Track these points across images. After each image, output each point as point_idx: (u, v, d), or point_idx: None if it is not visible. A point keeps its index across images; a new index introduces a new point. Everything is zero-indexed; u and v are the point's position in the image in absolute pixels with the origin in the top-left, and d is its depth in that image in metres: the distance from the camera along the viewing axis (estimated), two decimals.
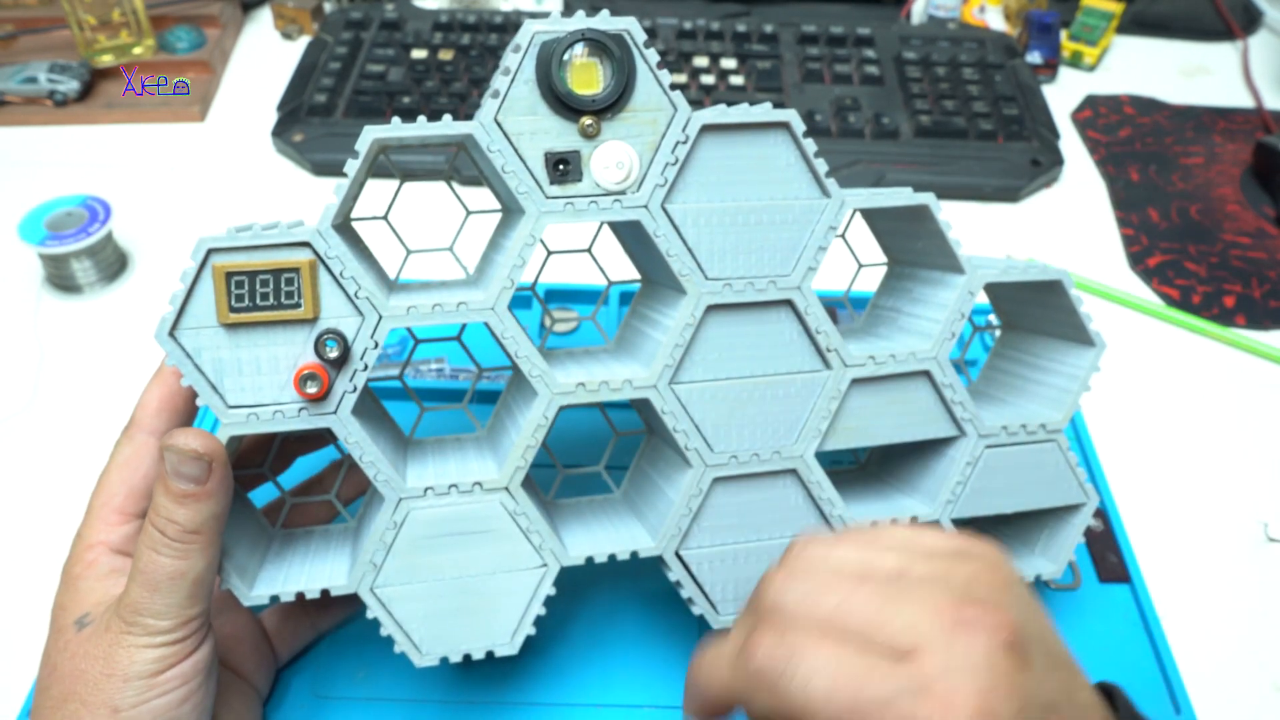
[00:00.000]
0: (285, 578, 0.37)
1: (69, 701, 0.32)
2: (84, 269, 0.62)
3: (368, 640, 0.44)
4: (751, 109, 0.36)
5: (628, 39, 0.34)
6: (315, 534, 0.41)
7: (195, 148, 0.76)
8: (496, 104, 0.34)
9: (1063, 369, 0.43)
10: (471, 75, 0.78)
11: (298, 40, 0.87)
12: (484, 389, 0.54)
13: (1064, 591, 0.47)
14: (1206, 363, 0.62)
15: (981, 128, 0.76)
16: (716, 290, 0.37)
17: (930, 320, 0.41)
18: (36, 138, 0.75)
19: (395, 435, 0.41)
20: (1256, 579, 0.50)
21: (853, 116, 0.76)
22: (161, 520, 0.32)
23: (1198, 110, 0.83)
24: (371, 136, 0.34)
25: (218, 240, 0.33)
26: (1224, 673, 0.46)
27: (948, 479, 0.41)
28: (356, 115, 0.75)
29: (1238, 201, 0.74)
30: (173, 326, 0.33)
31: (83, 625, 0.33)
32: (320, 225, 0.33)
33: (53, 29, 0.82)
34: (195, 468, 0.32)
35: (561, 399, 0.37)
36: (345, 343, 0.34)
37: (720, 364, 0.38)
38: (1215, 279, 0.67)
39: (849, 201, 0.38)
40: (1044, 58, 0.85)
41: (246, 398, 0.34)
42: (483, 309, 0.35)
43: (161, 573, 0.32)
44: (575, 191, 0.35)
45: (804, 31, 0.84)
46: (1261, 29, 0.94)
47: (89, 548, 0.35)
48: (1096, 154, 0.78)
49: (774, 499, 0.40)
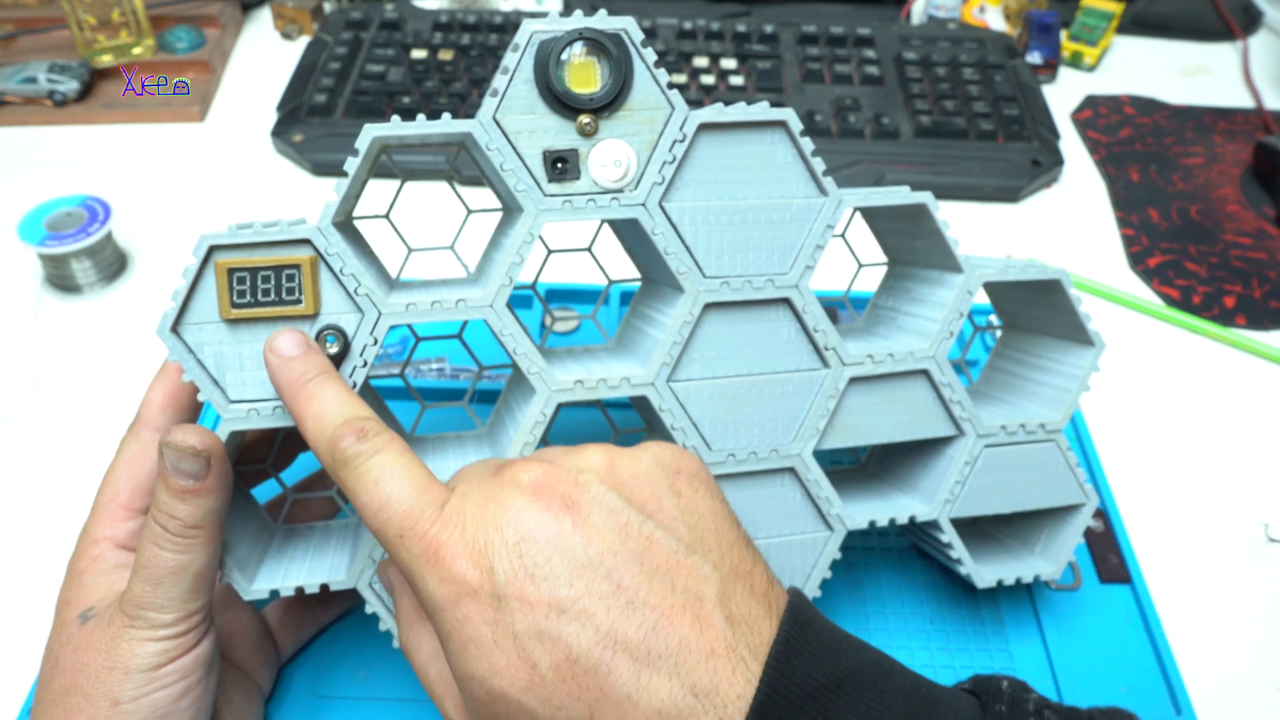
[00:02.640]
0: (286, 573, 0.37)
1: (70, 694, 0.33)
2: (84, 269, 0.62)
3: (368, 639, 0.44)
4: (749, 108, 0.36)
5: (625, 38, 0.34)
6: (316, 530, 0.41)
7: (195, 148, 0.76)
8: (495, 103, 0.34)
9: (1062, 369, 0.43)
10: (471, 75, 0.78)
11: (298, 40, 0.87)
12: (484, 388, 0.54)
13: (1065, 592, 0.47)
14: (1207, 363, 0.62)
15: (981, 128, 0.76)
16: (714, 288, 0.37)
17: (929, 319, 0.41)
18: (36, 138, 0.76)
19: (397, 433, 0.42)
20: (1257, 579, 0.50)
21: (853, 117, 0.76)
22: (162, 516, 0.32)
23: (1198, 110, 0.83)
24: (372, 135, 0.34)
25: (220, 237, 0.33)
26: (1225, 673, 0.46)
27: (946, 478, 0.41)
28: (356, 115, 0.75)
29: (1238, 202, 0.74)
30: (175, 322, 0.33)
31: (86, 619, 0.34)
32: (321, 222, 0.34)
33: (52, 29, 0.82)
34: (194, 464, 0.32)
35: (559, 396, 0.37)
36: (345, 339, 0.34)
37: (718, 362, 0.38)
38: (1215, 279, 0.67)
39: (846, 200, 0.38)
40: (1044, 58, 0.85)
41: (248, 393, 0.34)
42: (481, 306, 0.36)
43: (163, 567, 0.32)
44: (573, 190, 0.35)
45: (804, 31, 0.84)
46: (1261, 29, 0.94)
47: (94, 543, 0.35)
48: (1096, 154, 0.78)
49: (772, 497, 0.40)
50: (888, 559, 0.49)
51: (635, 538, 0.29)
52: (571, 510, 0.29)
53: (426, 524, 0.29)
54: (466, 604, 0.28)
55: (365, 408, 0.32)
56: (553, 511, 0.29)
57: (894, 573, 0.48)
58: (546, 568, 0.28)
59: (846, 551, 0.48)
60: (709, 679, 0.27)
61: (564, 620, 0.27)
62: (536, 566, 0.28)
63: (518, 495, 0.29)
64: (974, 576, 0.42)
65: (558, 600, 0.27)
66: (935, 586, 0.48)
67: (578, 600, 0.27)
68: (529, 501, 0.29)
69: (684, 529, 0.30)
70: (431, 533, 0.29)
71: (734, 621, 0.28)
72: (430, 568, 0.28)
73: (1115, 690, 0.44)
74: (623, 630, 0.27)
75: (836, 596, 0.47)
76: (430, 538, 0.29)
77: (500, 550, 0.28)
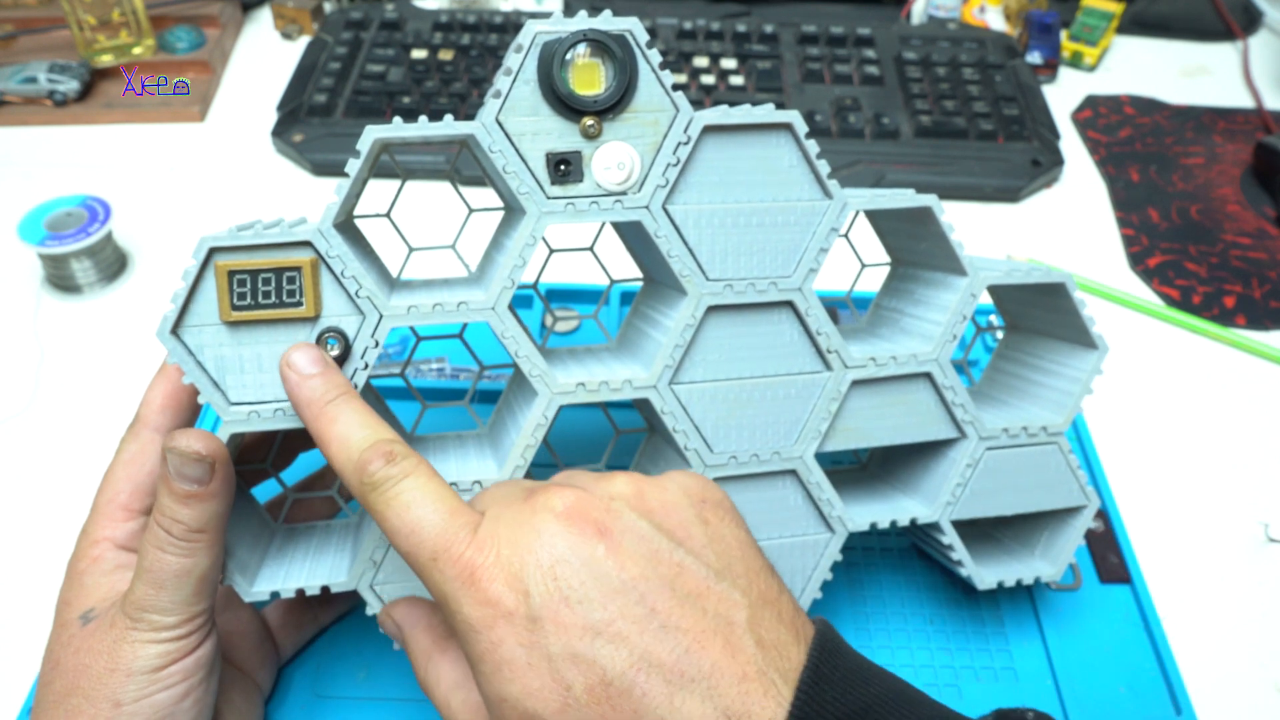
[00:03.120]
0: (286, 574, 0.37)
1: (72, 696, 0.32)
2: (84, 269, 0.62)
3: (368, 639, 0.44)
4: (754, 110, 0.36)
5: (630, 39, 0.34)
6: (317, 529, 0.41)
7: (195, 148, 0.76)
8: (498, 104, 0.34)
9: (1065, 371, 0.43)
10: (471, 75, 0.78)
11: (298, 40, 0.87)
12: (485, 388, 0.54)
13: (1065, 592, 0.47)
14: (1207, 363, 0.62)
15: (982, 128, 0.76)
16: (717, 291, 0.37)
17: (932, 322, 0.41)
18: (36, 138, 0.75)
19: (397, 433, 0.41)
20: (1257, 580, 0.50)
21: (853, 117, 0.76)
22: (166, 520, 0.32)
23: (1198, 110, 0.83)
24: (373, 136, 0.34)
25: (220, 239, 0.33)
26: (1225, 673, 0.46)
27: (948, 480, 0.41)
28: (356, 115, 0.75)
29: (1238, 202, 0.74)
30: (175, 325, 0.33)
31: (87, 620, 0.34)
32: (322, 224, 0.34)
33: (52, 29, 0.82)
34: (197, 469, 0.32)
35: (561, 399, 0.37)
36: (346, 341, 0.34)
37: (720, 365, 0.38)
38: (1215, 279, 0.67)
39: (851, 203, 0.38)
40: (1044, 58, 0.85)
41: (248, 395, 0.34)
42: (483, 309, 0.36)
43: (167, 570, 0.32)
44: (576, 192, 0.35)
45: (804, 31, 0.84)
46: (1261, 29, 0.94)
47: (94, 543, 0.35)
48: (1097, 154, 0.78)
49: (773, 500, 0.40)
50: (888, 559, 0.49)
51: (666, 564, 0.29)
52: (605, 536, 0.29)
53: (461, 547, 0.29)
54: (501, 627, 0.28)
55: (389, 429, 0.32)
56: (586, 537, 0.29)
57: (894, 573, 0.48)
58: (581, 591, 0.28)
59: (846, 552, 0.48)
60: (741, 702, 0.27)
61: (599, 643, 0.27)
62: (571, 590, 0.28)
63: (551, 520, 0.29)
64: (975, 578, 0.42)
65: (592, 623, 0.28)
66: (935, 587, 0.48)
67: (612, 623, 0.28)
68: (563, 527, 0.29)
69: (713, 556, 0.30)
70: (467, 555, 0.29)
71: (764, 646, 0.28)
72: (466, 590, 0.29)
73: (1115, 690, 0.44)
74: (656, 653, 0.27)
75: (836, 597, 0.47)
76: (466, 561, 0.29)
77: (535, 574, 0.28)
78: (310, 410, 0.33)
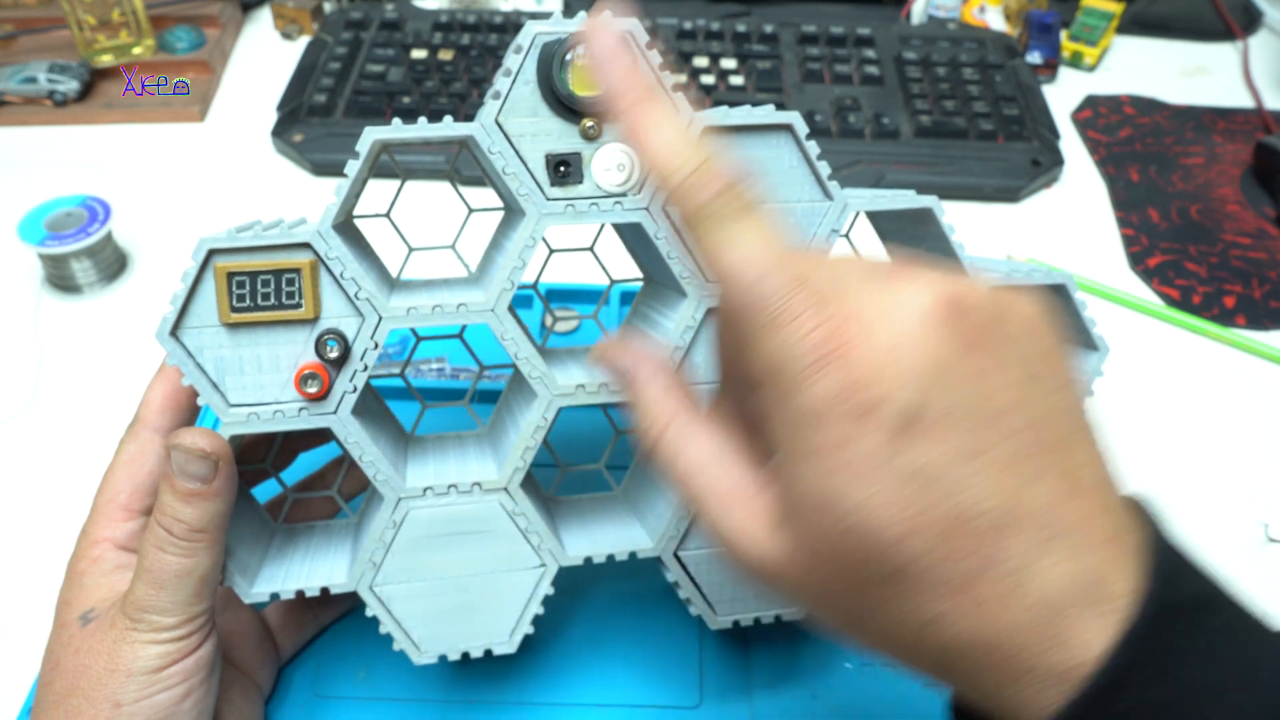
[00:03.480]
0: (286, 575, 0.37)
1: (72, 696, 0.32)
2: (84, 269, 0.62)
3: (368, 639, 0.44)
4: (754, 111, 0.36)
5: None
6: (317, 529, 0.41)
7: (195, 148, 0.76)
8: (498, 105, 0.34)
9: None
10: (471, 75, 0.78)
11: (298, 40, 0.87)
12: (485, 388, 0.54)
13: None
14: (1207, 363, 0.62)
15: (982, 128, 0.76)
16: (718, 292, 0.37)
17: None
18: (36, 138, 0.75)
19: (396, 433, 0.41)
20: (1257, 579, 0.50)
21: (853, 117, 0.76)
22: (168, 519, 0.32)
23: (1198, 110, 0.83)
24: (373, 137, 0.34)
25: (219, 240, 0.33)
26: None
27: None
28: (356, 115, 0.75)
29: (1238, 202, 0.74)
30: (174, 326, 0.33)
31: (87, 620, 0.34)
32: (321, 226, 0.33)
33: (52, 29, 0.82)
34: (202, 467, 0.32)
35: (561, 400, 0.37)
36: (346, 343, 0.34)
37: None
38: (1215, 279, 0.67)
39: (851, 204, 0.38)
40: (1044, 58, 0.85)
41: (248, 396, 0.34)
42: (483, 310, 0.36)
43: (168, 571, 0.32)
44: (576, 193, 0.35)
45: (804, 31, 0.84)
46: (1261, 29, 0.94)
47: (94, 544, 0.35)
48: (1096, 154, 0.78)
49: None
50: None
51: (1042, 397, 0.25)
52: (987, 348, 0.24)
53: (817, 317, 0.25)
54: (861, 422, 0.23)
55: None
56: (969, 343, 0.24)
57: None
58: (961, 408, 0.23)
59: None
60: (1097, 568, 0.24)
61: (970, 470, 0.23)
62: (954, 404, 0.23)
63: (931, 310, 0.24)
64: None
65: (968, 447, 0.23)
66: None
67: (986, 452, 0.23)
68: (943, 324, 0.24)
69: (1073, 399, 0.26)
70: (824, 328, 0.24)
71: (1112, 512, 0.25)
72: (818, 370, 0.24)
73: None
74: (1029, 498, 0.23)
75: None
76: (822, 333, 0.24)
77: (912, 373, 0.23)
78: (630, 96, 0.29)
